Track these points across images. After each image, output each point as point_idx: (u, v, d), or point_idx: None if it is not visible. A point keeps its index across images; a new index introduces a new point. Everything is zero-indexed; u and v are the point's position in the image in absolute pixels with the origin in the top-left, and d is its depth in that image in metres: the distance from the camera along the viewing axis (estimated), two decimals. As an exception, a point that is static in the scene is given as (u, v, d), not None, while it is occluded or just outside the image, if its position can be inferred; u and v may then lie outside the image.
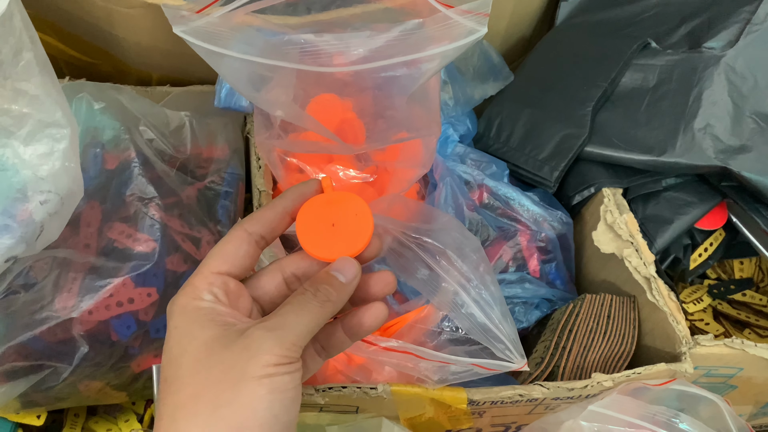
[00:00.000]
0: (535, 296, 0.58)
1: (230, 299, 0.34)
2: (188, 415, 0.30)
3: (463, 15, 0.39)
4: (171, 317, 0.33)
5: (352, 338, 0.37)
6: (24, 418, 0.51)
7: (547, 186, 0.62)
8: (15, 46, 0.38)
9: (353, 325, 0.37)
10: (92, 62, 0.65)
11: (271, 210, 0.37)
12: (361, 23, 0.44)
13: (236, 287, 0.35)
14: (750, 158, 0.58)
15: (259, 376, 0.29)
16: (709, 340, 0.52)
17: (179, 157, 0.55)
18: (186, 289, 0.34)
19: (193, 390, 0.30)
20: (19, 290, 0.46)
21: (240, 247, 0.35)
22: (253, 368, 0.30)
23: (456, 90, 0.64)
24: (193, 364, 0.31)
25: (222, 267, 0.34)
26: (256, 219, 0.36)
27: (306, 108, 0.50)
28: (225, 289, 0.34)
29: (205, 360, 0.31)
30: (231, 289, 0.34)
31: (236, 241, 0.35)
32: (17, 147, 0.40)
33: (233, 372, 0.30)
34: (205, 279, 0.34)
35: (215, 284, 0.34)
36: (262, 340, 0.30)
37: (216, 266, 0.34)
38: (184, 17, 0.41)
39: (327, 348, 0.37)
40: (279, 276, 0.37)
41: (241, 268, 0.35)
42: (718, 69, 0.61)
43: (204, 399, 0.30)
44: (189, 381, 0.31)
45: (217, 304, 0.33)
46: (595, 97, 0.63)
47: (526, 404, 0.49)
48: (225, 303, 0.34)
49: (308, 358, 0.37)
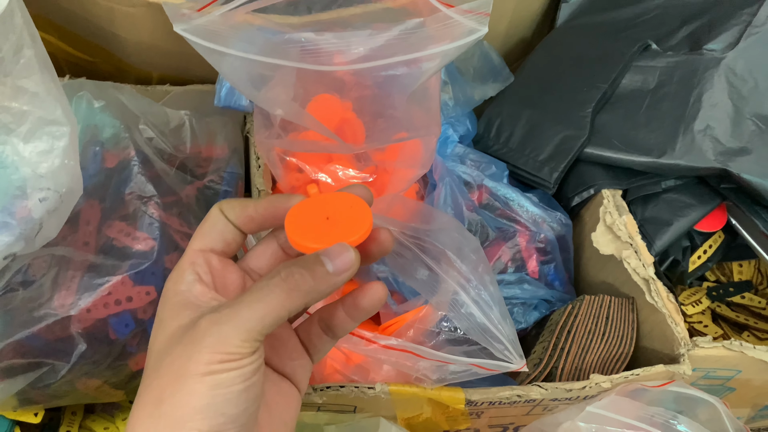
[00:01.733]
0: (534, 297, 0.58)
1: (214, 276, 0.33)
2: (138, 407, 0.29)
3: (464, 14, 0.39)
4: (159, 305, 0.33)
5: (353, 320, 0.35)
6: (21, 416, 0.51)
7: (547, 187, 0.62)
8: (16, 44, 0.38)
9: (350, 306, 0.34)
10: (92, 61, 0.65)
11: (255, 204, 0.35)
12: (361, 23, 0.45)
13: (220, 263, 0.34)
14: (750, 160, 0.58)
15: (200, 374, 0.28)
16: (708, 342, 0.52)
17: (179, 155, 0.55)
18: (173, 273, 0.33)
19: (147, 382, 0.30)
20: (17, 288, 0.46)
21: (215, 225, 0.34)
22: (194, 365, 0.28)
23: (456, 91, 0.64)
24: (155, 355, 0.30)
25: (202, 244, 0.33)
26: (235, 205, 0.34)
27: (306, 107, 0.50)
28: (208, 267, 0.33)
29: (163, 351, 0.30)
30: (214, 266, 0.33)
31: (212, 219, 0.34)
32: (17, 144, 0.40)
33: (177, 366, 0.29)
34: (188, 258, 0.33)
35: (197, 263, 0.33)
36: (206, 335, 0.29)
37: (197, 244, 0.34)
38: (185, 15, 0.41)
39: (332, 328, 0.35)
40: (274, 243, 0.36)
41: (223, 243, 0.34)
42: (718, 71, 0.61)
43: (152, 392, 0.29)
44: (148, 372, 0.30)
45: (197, 283, 0.32)
46: (595, 99, 0.63)
47: (524, 405, 0.49)
48: (207, 282, 0.33)
49: (315, 337, 0.35)
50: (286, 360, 0.35)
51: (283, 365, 0.35)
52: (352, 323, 0.35)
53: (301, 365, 0.35)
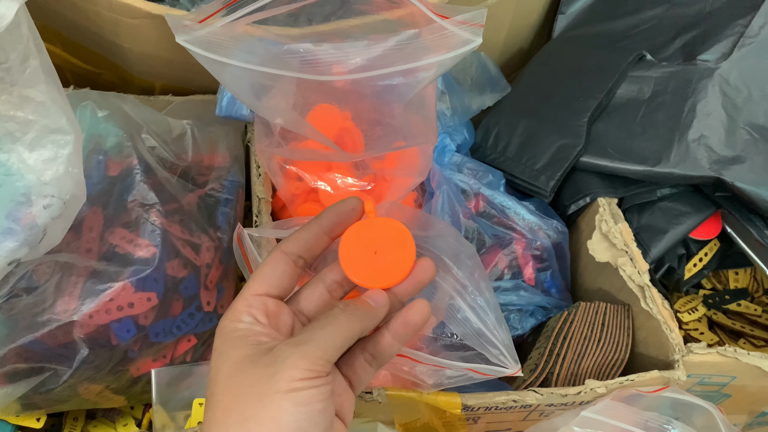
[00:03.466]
0: (530, 304, 0.59)
1: (270, 319, 0.35)
2: (220, 428, 0.31)
3: (459, 26, 0.40)
4: (215, 340, 0.35)
5: (399, 340, 0.37)
6: (24, 421, 0.51)
7: (543, 195, 0.63)
8: (22, 54, 0.39)
9: (399, 326, 0.37)
10: (96, 71, 0.66)
11: (306, 231, 0.38)
12: (360, 34, 0.45)
13: (275, 306, 0.36)
14: (743, 169, 0.58)
15: (284, 391, 0.30)
16: (702, 348, 0.52)
17: (180, 164, 0.56)
18: (228, 313, 0.35)
19: (224, 405, 0.32)
20: (21, 293, 0.46)
21: (276, 267, 0.37)
22: (278, 383, 0.31)
23: (454, 100, 0.65)
24: (225, 381, 0.32)
25: (260, 288, 0.36)
26: (292, 240, 0.38)
27: (306, 117, 0.50)
28: (264, 310, 0.35)
29: (235, 377, 0.32)
30: (270, 309, 0.36)
31: (273, 262, 0.37)
32: (22, 152, 0.41)
33: (259, 387, 0.31)
34: (245, 301, 0.35)
35: (254, 306, 0.35)
36: (287, 355, 0.32)
37: (255, 288, 0.36)
38: (187, 27, 0.42)
39: (376, 356, 0.38)
40: (321, 286, 0.38)
41: (280, 288, 0.37)
42: (712, 81, 0.62)
43: (233, 413, 0.31)
44: (221, 398, 0.32)
45: (255, 325, 0.35)
46: (590, 108, 0.64)
47: (520, 410, 0.50)
48: (264, 323, 0.35)
49: (359, 368, 0.37)
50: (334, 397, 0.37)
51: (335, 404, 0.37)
52: (398, 345, 0.38)
53: (347, 399, 0.37)
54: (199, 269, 0.53)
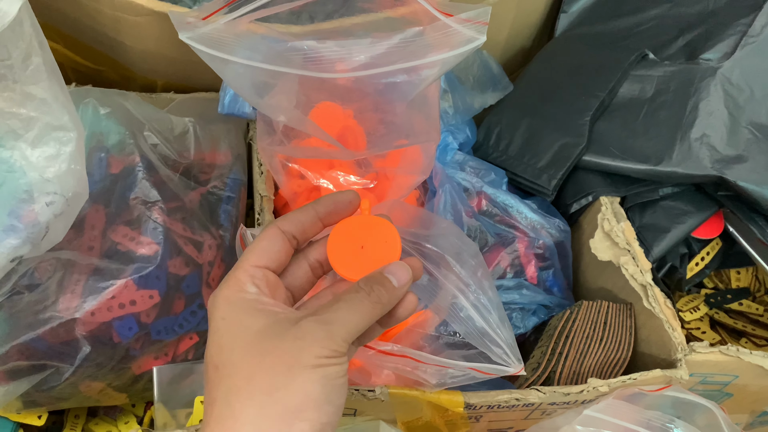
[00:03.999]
0: (533, 302, 0.59)
1: (271, 291, 0.36)
2: (243, 397, 0.31)
3: (463, 24, 0.40)
4: (216, 308, 0.34)
5: (383, 326, 0.39)
6: (25, 418, 0.51)
7: (545, 194, 0.63)
8: (25, 51, 0.39)
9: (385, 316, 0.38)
10: (98, 69, 0.66)
11: (303, 213, 0.38)
12: (362, 32, 0.45)
13: (275, 279, 0.37)
14: (746, 168, 0.58)
15: (312, 365, 0.31)
16: (705, 347, 0.52)
17: (183, 162, 0.56)
18: (229, 282, 0.35)
19: (247, 374, 0.32)
20: (23, 290, 0.46)
21: (274, 242, 0.37)
22: (307, 358, 0.31)
23: (456, 99, 0.65)
24: (247, 350, 0.32)
25: (260, 261, 0.36)
26: (289, 219, 0.38)
27: (309, 114, 0.50)
28: (266, 282, 0.36)
29: (259, 346, 0.32)
30: (271, 281, 0.36)
31: (271, 237, 0.37)
32: (25, 149, 0.41)
33: (286, 359, 0.31)
34: (247, 272, 0.35)
35: (257, 276, 0.35)
36: (314, 332, 0.32)
37: (255, 260, 0.36)
38: (190, 24, 0.42)
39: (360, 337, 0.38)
40: (305, 264, 0.39)
41: (277, 263, 0.37)
42: (714, 80, 0.62)
43: (259, 382, 0.31)
44: (242, 366, 0.32)
45: (261, 295, 0.35)
46: (593, 107, 0.64)
47: (523, 409, 0.50)
48: (267, 294, 0.35)
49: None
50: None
51: None
52: (380, 329, 0.39)
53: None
54: (201, 267, 0.53)
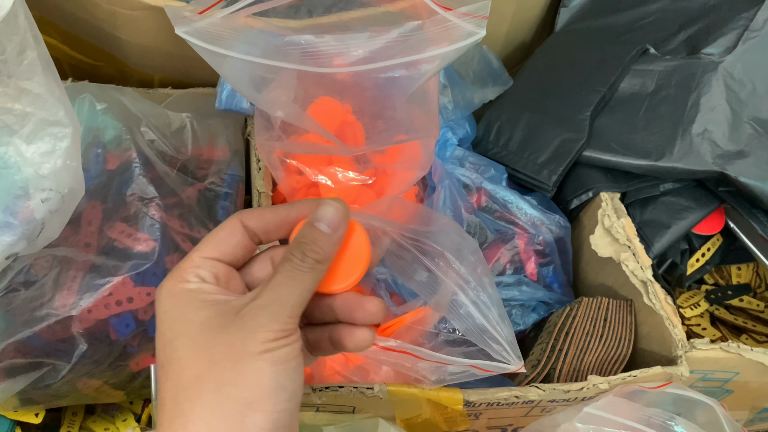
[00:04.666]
0: (533, 299, 0.58)
1: (219, 282, 0.33)
2: (192, 396, 0.30)
3: (462, 18, 0.39)
4: (159, 302, 0.33)
5: (336, 349, 0.36)
6: (22, 416, 0.51)
7: (545, 190, 0.62)
8: (19, 45, 0.38)
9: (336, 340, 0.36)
10: (95, 64, 0.66)
11: (272, 212, 0.36)
12: (361, 26, 0.45)
13: (226, 272, 0.34)
14: (747, 163, 0.58)
15: (259, 352, 0.30)
16: (705, 344, 0.52)
17: (180, 158, 0.56)
18: (173, 273, 0.33)
19: (193, 372, 0.30)
20: (19, 288, 0.46)
21: (232, 235, 0.35)
22: (252, 345, 0.30)
23: (456, 94, 0.64)
24: (191, 345, 0.31)
25: (211, 253, 0.34)
26: (255, 214, 0.35)
27: (307, 110, 0.50)
28: (213, 273, 0.33)
29: (204, 341, 0.31)
30: (220, 272, 0.34)
31: (230, 228, 0.35)
32: (20, 145, 0.40)
33: (233, 351, 0.30)
34: (192, 263, 0.33)
35: (202, 267, 0.33)
36: (257, 317, 0.31)
37: (205, 251, 0.34)
38: (187, 18, 0.41)
39: (313, 351, 0.37)
40: (269, 264, 0.37)
41: (232, 257, 0.34)
42: (716, 75, 0.61)
43: (207, 379, 0.30)
44: (188, 363, 0.30)
45: (203, 284, 0.33)
46: (593, 102, 0.63)
47: (522, 406, 0.49)
48: (211, 283, 0.33)
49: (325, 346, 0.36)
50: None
51: None
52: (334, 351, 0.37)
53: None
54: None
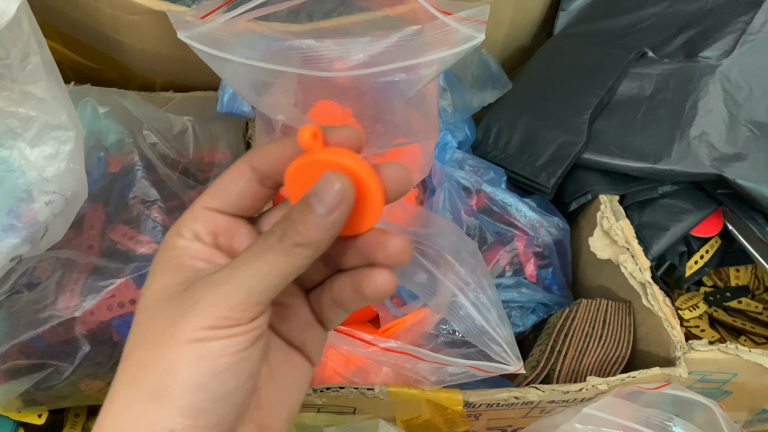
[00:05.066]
0: (532, 301, 0.59)
1: (217, 238, 0.29)
2: (121, 368, 0.27)
3: (461, 22, 0.40)
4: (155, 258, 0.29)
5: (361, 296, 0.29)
6: (25, 417, 0.51)
7: (544, 192, 0.63)
8: (23, 50, 0.39)
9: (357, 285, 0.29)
10: (97, 68, 0.66)
11: (279, 145, 0.29)
12: (361, 30, 0.45)
13: (228, 226, 0.29)
14: (745, 166, 0.58)
15: (186, 340, 0.25)
16: (704, 345, 0.52)
17: (182, 161, 0.56)
18: (174, 225, 0.29)
19: (132, 342, 0.27)
20: (22, 290, 0.46)
21: (237, 180, 0.29)
22: (182, 330, 0.25)
23: (455, 97, 0.65)
24: (142, 312, 0.27)
25: (212, 203, 0.29)
26: (262, 151, 0.29)
27: (307, 113, 0.50)
28: (211, 226, 0.29)
29: (151, 310, 0.27)
30: (220, 225, 0.29)
31: (234, 173, 0.29)
32: (23, 149, 0.41)
33: (165, 329, 0.26)
34: (192, 214, 0.29)
35: (200, 220, 0.29)
36: (200, 297, 0.26)
37: (206, 201, 0.29)
38: (189, 23, 0.42)
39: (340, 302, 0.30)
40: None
41: (237, 207, 0.29)
42: (713, 78, 0.62)
43: (136, 354, 0.26)
44: (133, 331, 0.27)
45: (196, 242, 0.28)
46: (592, 105, 0.64)
47: (522, 407, 0.50)
48: (206, 242, 0.28)
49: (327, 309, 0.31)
50: (296, 331, 0.31)
51: (293, 336, 0.31)
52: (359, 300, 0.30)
53: (312, 336, 0.31)
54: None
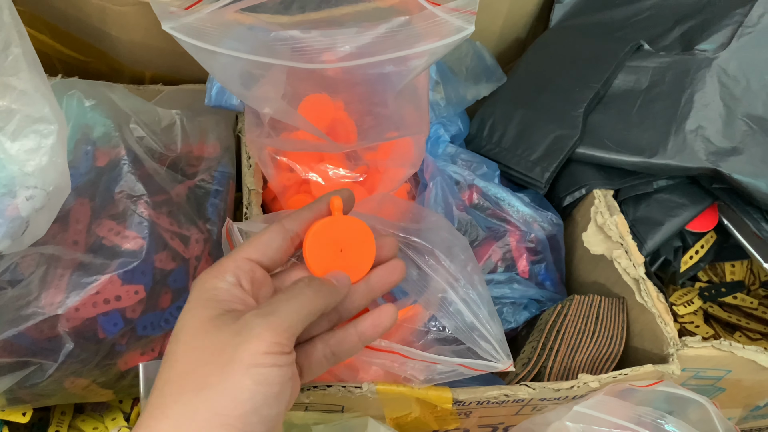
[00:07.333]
0: (524, 297, 0.58)
1: (253, 286, 0.35)
2: (174, 391, 0.30)
3: (451, 13, 0.39)
4: (191, 292, 0.34)
5: (364, 341, 0.38)
6: (10, 416, 0.51)
7: (538, 187, 0.62)
8: (3, 41, 0.38)
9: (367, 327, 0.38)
10: (86, 60, 0.65)
11: (309, 210, 0.38)
12: (352, 22, 0.45)
13: (262, 276, 0.36)
14: (741, 160, 0.58)
15: (247, 364, 0.30)
16: (697, 342, 0.52)
17: (169, 155, 0.55)
18: (212, 269, 0.35)
19: (183, 367, 0.31)
20: (5, 286, 0.45)
21: (274, 239, 0.36)
22: (243, 354, 0.30)
23: (448, 90, 0.64)
24: (189, 341, 0.31)
25: (254, 254, 0.35)
26: (294, 217, 0.38)
27: (298, 107, 0.50)
28: (251, 275, 0.35)
29: (200, 339, 0.31)
30: (257, 276, 0.35)
31: (272, 233, 0.36)
32: (4, 142, 0.40)
33: (223, 355, 0.30)
34: (234, 262, 0.35)
35: (242, 268, 0.34)
36: (253, 325, 0.31)
37: (249, 253, 0.35)
38: (173, 14, 0.41)
39: (337, 353, 0.38)
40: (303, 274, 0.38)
41: (271, 261, 0.36)
42: (710, 71, 0.61)
43: (191, 378, 0.30)
44: (181, 357, 0.31)
45: (235, 287, 0.34)
46: (587, 99, 0.63)
47: (513, 405, 0.49)
48: (246, 289, 0.34)
49: (315, 360, 0.38)
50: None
51: None
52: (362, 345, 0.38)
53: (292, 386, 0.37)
54: (188, 261, 0.52)
